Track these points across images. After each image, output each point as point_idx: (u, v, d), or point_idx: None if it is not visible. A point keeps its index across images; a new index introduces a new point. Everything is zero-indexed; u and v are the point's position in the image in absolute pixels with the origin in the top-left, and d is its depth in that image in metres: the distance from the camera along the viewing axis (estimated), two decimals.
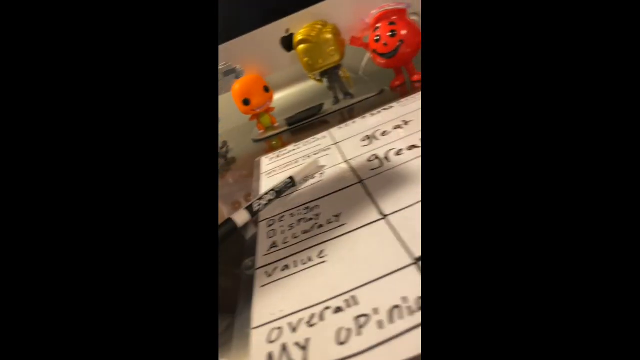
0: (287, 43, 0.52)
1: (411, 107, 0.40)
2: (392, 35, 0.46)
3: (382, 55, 0.48)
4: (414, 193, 0.24)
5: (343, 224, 0.24)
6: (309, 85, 0.61)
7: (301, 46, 0.49)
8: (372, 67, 0.57)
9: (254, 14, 0.53)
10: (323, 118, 0.50)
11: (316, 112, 0.51)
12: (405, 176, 0.27)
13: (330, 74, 0.51)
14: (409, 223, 0.22)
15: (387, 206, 0.24)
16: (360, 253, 0.21)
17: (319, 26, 0.49)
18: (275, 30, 0.53)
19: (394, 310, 0.16)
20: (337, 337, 0.16)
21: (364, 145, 0.35)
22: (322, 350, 0.15)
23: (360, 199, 0.26)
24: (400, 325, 0.15)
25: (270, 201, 0.31)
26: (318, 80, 0.53)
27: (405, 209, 0.23)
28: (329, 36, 0.48)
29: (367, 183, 0.28)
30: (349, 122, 0.43)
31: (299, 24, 0.51)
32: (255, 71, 0.54)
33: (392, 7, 0.47)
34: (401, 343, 0.14)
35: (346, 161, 0.33)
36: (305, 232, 0.25)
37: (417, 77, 0.49)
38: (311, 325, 0.17)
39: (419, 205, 0.23)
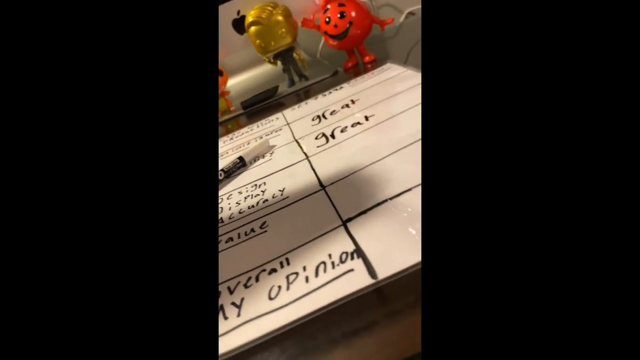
0: (239, 25, 0.52)
1: (360, 87, 0.42)
2: (342, 17, 0.47)
3: (332, 36, 0.48)
4: (350, 165, 0.26)
5: (286, 197, 0.25)
6: (265, 69, 0.61)
7: (252, 28, 0.49)
8: (328, 49, 0.58)
9: None
10: (278, 100, 0.51)
11: (271, 95, 0.51)
12: (346, 150, 0.28)
13: (284, 56, 0.52)
14: (343, 191, 0.23)
15: (327, 178, 0.25)
16: (299, 221, 0.22)
17: (270, 8, 0.49)
18: (226, 12, 0.52)
19: (320, 266, 0.17)
20: (269, 294, 0.17)
21: (314, 125, 0.36)
22: (254, 305, 0.17)
23: (305, 174, 0.28)
24: (323, 278, 0.17)
25: (220, 181, 0.31)
26: (272, 63, 0.53)
27: (342, 180, 0.24)
28: (279, 18, 0.48)
29: (312, 159, 0.30)
30: (302, 104, 0.44)
31: (250, 6, 0.50)
32: None
33: None
34: (322, 292, 0.16)
35: (295, 140, 0.34)
36: (251, 207, 0.26)
37: (369, 58, 0.51)
38: (247, 287, 0.18)
39: (354, 176, 0.24)
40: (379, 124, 0.31)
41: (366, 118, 0.33)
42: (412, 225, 0.18)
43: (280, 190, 0.27)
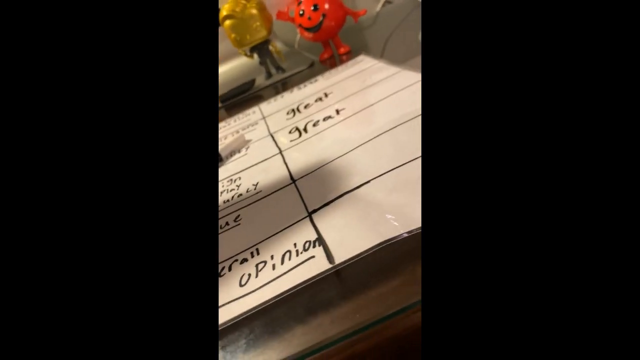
0: None
1: (333, 79, 0.43)
2: (315, 9, 0.48)
3: (307, 29, 0.49)
4: (320, 158, 0.27)
5: (259, 191, 0.27)
6: (242, 61, 0.61)
7: (227, 22, 0.49)
8: (305, 41, 0.58)
9: None
10: (256, 93, 0.52)
11: (248, 88, 0.52)
12: (317, 144, 0.30)
13: (260, 49, 0.52)
14: (311, 184, 0.25)
15: (297, 172, 0.27)
16: (270, 213, 0.24)
17: (244, 1, 0.49)
18: None
19: (286, 254, 0.19)
20: (240, 281, 0.19)
21: (288, 119, 0.38)
22: (226, 292, 0.19)
23: (277, 168, 0.29)
24: (287, 265, 0.18)
25: None
26: (249, 56, 0.53)
27: (312, 173, 0.26)
28: (254, 11, 0.49)
29: (285, 154, 0.31)
30: (278, 97, 0.45)
31: None
32: None
33: None
34: (285, 278, 0.18)
35: (270, 134, 0.36)
36: (226, 201, 0.28)
37: (344, 49, 0.52)
38: (221, 276, 0.20)
39: (322, 169, 0.26)
40: (349, 118, 0.32)
41: (337, 112, 0.34)
42: (369, 214, 0.20)
43: (254, 185, 0.28)
